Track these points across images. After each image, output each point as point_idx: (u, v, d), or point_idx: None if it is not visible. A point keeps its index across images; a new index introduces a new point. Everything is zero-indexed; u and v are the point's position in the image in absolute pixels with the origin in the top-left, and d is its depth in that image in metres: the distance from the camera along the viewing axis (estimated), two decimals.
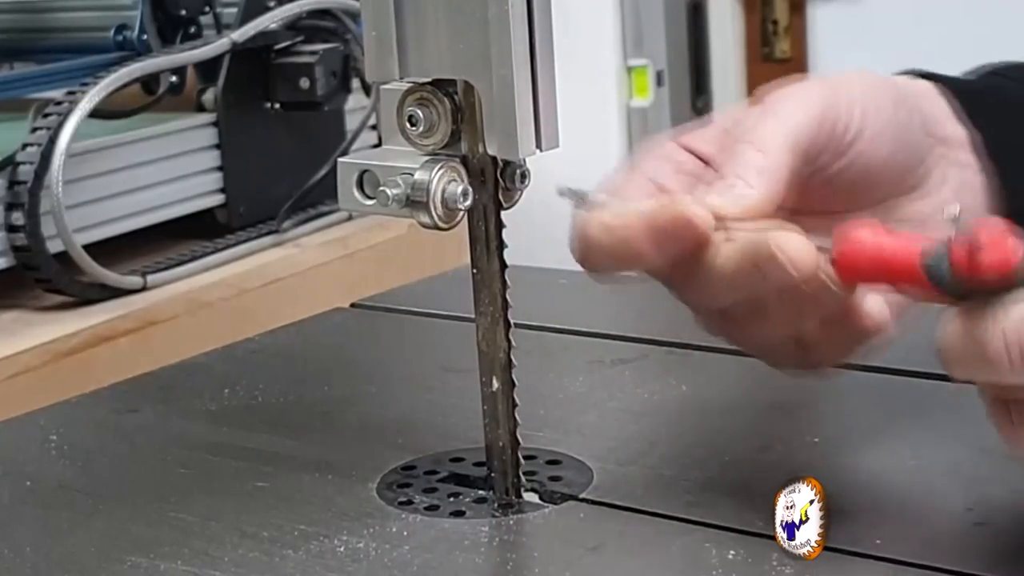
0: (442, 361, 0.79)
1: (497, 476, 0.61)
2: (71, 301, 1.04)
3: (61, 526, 0.62)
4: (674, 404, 0.70)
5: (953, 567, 0.53)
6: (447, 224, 0.57)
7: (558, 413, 0.70)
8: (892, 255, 0.48)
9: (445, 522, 0.59)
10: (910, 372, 0.73)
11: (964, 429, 0.66)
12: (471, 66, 0.56)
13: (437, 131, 0.57)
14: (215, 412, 0.74)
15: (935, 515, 0.57)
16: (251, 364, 0.82)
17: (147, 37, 1.17)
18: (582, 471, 0.63)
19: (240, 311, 1.11)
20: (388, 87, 0.58)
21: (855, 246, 0.49)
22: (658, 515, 0.58)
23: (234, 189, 1.20)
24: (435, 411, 0.72)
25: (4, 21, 1.26)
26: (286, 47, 1.23)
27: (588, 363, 0.75)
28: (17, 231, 1.01)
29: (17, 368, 0.96)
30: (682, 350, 0.78)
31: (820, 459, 0.63)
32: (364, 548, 0.57)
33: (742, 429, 0.67)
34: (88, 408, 0.77)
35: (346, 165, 0.58)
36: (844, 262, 0.49)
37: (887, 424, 0.67)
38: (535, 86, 0.56)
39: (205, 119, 1.19)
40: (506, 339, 0.59)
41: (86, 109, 1.03)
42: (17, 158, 1.01)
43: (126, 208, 1.12)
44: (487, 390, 0.60)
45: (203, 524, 0.60)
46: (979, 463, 0.62)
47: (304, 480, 0.64)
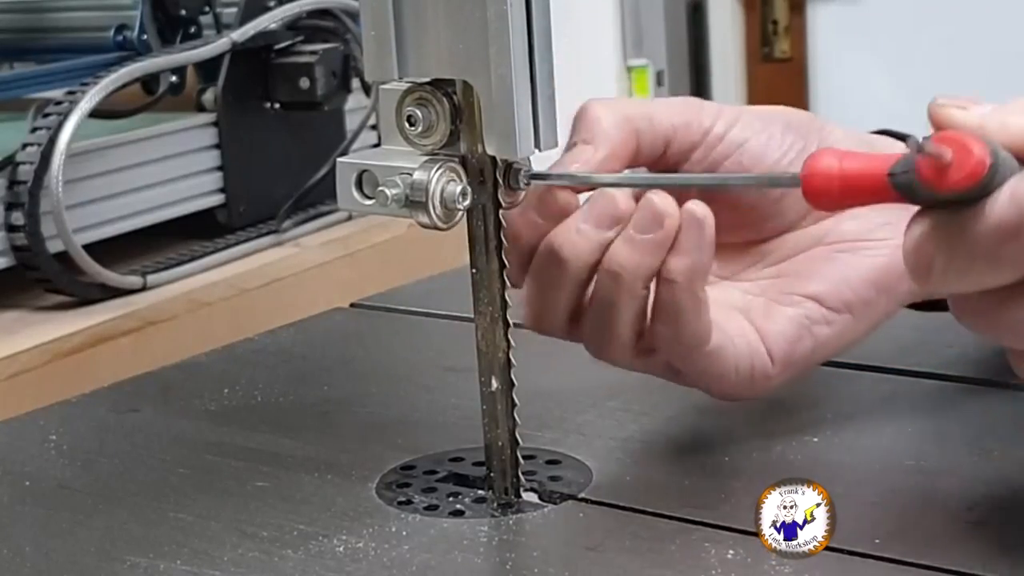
0: (441, 361, 0.79)
1: (496, 476, 0.61)
2: (71, 301, 1.04)
3: (61, 526, 0.62)
4: (674, 404, 0.70)
5: (953, 567, 0.53)
6: (446, 224, 0.57)
7: (558, 413, 0.70)
8: (860, 176, 0.48)
9: (444, 522, 0.59)
10: (910, 372, 0.73)
11: (964, 429, 0.66)
12: (470, 66, 0.56)
13: (436, 131, 0.57)
14: (215, 412, 0.74)
15: (935, 515, 0.57)
16: (251, 364, 0.82)
17: (147, 37, 1.17)
18: (582, 471, 0.63)
19: (240, 311, 1.11)
20: (387, 87, 0.58)
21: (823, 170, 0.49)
22: (658, 515, 0.58)
23: (234, 189, 1.20)
24: (434, 411, 0.72)
25: (4, 21, 1.26)
26: (286, 47, 1.23)
27: (588, 363, 0.75)
28: (17, 231, 1.01)
29: (17, 368, 0.95)
30: None
31: (820, 459, 0.63)
32: (363, 548, 0.57)
33: (742, 429, 0.67)
34: (88, 408, 0.77)
35: (345, 165, 0.58)
36: (814, 185, 0.49)
37: (887, 424, 0.67)
38: (534, 86, 0.56)
39: (205, 119, 1.19)
40: (505, 339, 0.59)
41: (86, 109, 1.03)
42: (17, 158, 1.01)
43: (126, 208, 1.11)
44: (486, 390, 0.60)
45: (203, 524, 0.60)
46: (979, 463, 0.62)
47: (304, 480, 0.64)
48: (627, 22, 2.44)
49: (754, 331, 0.61)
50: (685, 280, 0.57)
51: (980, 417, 0.68)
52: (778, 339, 0.61)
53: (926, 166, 0.47)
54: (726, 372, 0.60)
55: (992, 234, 0.47)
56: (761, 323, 0.62)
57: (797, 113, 0.64)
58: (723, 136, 0.62)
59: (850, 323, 0.62)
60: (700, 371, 0.60)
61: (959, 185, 0.47)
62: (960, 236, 0.48)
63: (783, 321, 0.62)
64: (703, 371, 0.60)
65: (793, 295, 0.62)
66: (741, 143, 0.62)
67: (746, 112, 0.63)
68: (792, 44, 2.65)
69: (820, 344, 0.62)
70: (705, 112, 0.62)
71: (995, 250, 0.47)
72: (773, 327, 0.61)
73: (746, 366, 0.61)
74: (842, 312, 0.62)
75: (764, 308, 0.62)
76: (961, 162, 0.47)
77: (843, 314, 0.62)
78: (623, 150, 0.60)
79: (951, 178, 0.47)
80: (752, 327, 0.61)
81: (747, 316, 0.62)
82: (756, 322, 0.62)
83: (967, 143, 0.47)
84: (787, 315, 0.62)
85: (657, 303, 0.58)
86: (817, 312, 0.62)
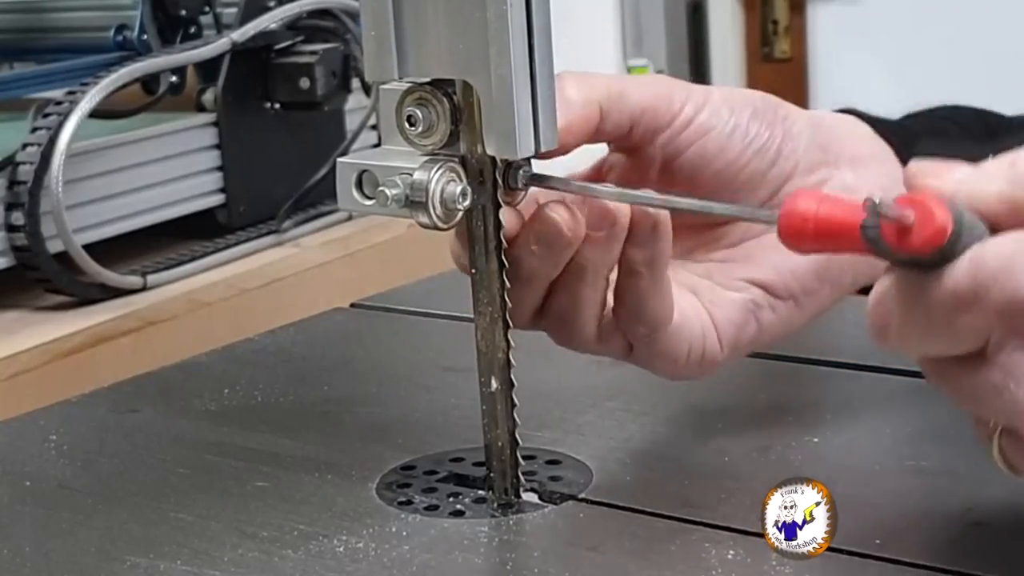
0: (442, 361, 0.79)
1: (496, 476, 0.61)
2: (71, 301, 1.04)
3: (61, 526, 0.62)
4: (674, 404, 0.70)
5: (953, 567, 0.53)
6: (446, 224, 0.57)
7: (558, 413, 0.70)
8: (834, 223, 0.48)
9: (445, 522, 0.59)
10: (910, 372, 0.73)
11: (964, 429, 0.66)
12: (470, 66, 0.56)
13: (436, 131, 0.57)
14: (215, 412, 0.74)
15: (935, 515, 0.57)
16: (251, 364, 0.82)
17: (147, 37, 1.17)
18: (582, 471, 0.63)
19: (240, 311, 1.11)
20: (387, 87, 0.58)
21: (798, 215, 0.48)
22: (658, 515, 0.58)
23: (234, 189, 1.20)
24: (435, 411, 0.72)
25: (4, 21, 1.25)
26: (286, 47, 1.23)
27: (588, 363, 0.75)
28: (17, 231, 1.01)
29: (17, 368, 0.95)
30: None
31: (820, 459, 0.64)
32: (364, 548, 0.57)
33: (742, 429, 0.67)
34: (88, 408, 0.77)
35: (345, 165, 0.58)
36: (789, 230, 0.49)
37: (887, 424, 0.67)
38: (534, 86, 0.56)
39: (205, 119, 1.19)
40: (505, 339, 0.59)
41: (86, 109, 1.03)
42: (17, 158, 1.01)
43: (126, 208, 1.11)
44: (486, 390, 0.60)
45: (203, 524, 0.60)
46: (979, 463, 0.62)
47: (304, 480, 0.64)
48: (627, 22, 2.44)
49: (706, 313, 0.62)
50: (645, 269, 0.59)
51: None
52: (725, 323, 0.63)
53: (888, 228, 0.47)
54: (680, 354, 0.61)
55: (948, 300, 0.46)
56: (709, 306, 0.63)
57: (764, 99, 0.64)
58: (691, 121, 0.62)
59: (794, 310, 0.64)
60: (658, 351, 0.61)
61: (919, 250, 0.46)
62: (919, 299, 0.47)
63: (729, 305, 0.63)
64: (661, 351, 0.61)
65: (740, 280, 0.63)
66: (708, 131, 0.62)
67: (715, 96, 0.63)
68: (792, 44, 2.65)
69: (764, 329, 0.63)
70: (675, 95, 0.62)
71: (951, 317, 0.47)
72: (720, 312, 0.63)
73: (698, 348, 0.62)
74: (786, 300, 0.63)
75: (711, 291, 0.63)
76: (923, 226, 0.46)
77: (787, 301, 0.63)
78: (582, 124, 0.60)
79: (911, 242, 0.46)
80: (704, 309, 0.63)
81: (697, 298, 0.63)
82: (705, 305, 0.63)
83: (930, 207, 0.46)
84: (733, 299, 0.63)
85: (620, 289, 0.60)
86: (763, 298, 0.63)
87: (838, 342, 0.82)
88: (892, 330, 0.49)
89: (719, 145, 0.62)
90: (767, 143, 0.63)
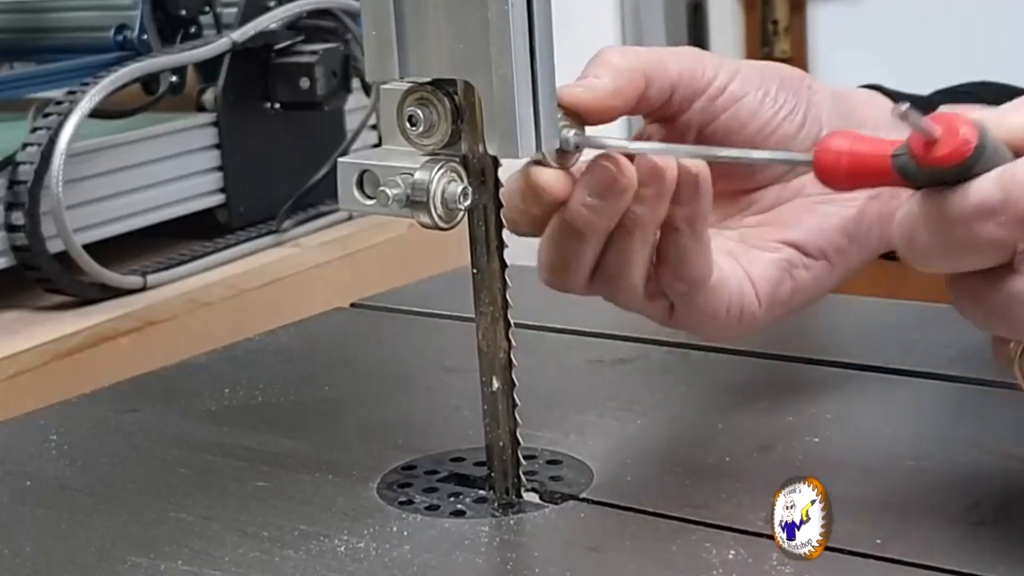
0: (442, 361, 0.79)
1: (497, 476, 0.61)
2: (71, 301, 1.04)
3: (61, 526, 0.62)
4: (674, 404, 0.70)
5: (953, 567, 0.53)
6: (447, 224, 0.57)
7: (558, 413, 0.70)
8: (866, 156, 0.50)
9: (445, 522, 0.59)
10: (910, 372, 0.73)
11: (964, 429, 0.66)
12: (471, 66, 0.56)
13: (437, 131, 0.57)
14: (215, 412, 0.74)
15: (935, 515, 0.57)
16: (251, 364, 0.82)
17: (147, 37, 1.17)
18: (582, 471, 0.63)
19: (240, 311, 1.11)
20: (388, 87, 0.58)
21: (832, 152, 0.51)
22: (658, 515, 0.58)
23: (234, 189, 1.20)
24: (435, 411, 0.72)
25: (4, 21, 1.26)
26: (286, 47, 1.23)
27: (588, 363, 0.75)
28: (17, 231, 1.01)
29: (17, 368, 0.95)
30: (682, 350, 0.78)
31: (820, 459, 0.63)
32: (364, 548, 0.57)
33: (742, 429, 0.67)
34: (88, 408, 0.77)
35: (346, 165, 0.58)
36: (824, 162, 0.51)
37: (887, 424, 0.67)
38: (535, 86, 0.56)
39: (205, 119, 1.19)
40: (506, 339, 0.59)
41: (86, 109, 1.03)
42: (17, 158, 1.01)
43: (126, 208, 1.11)
44: (487, 390, 0.60)
45: (203, 524, 0.60)
46: (979, 463, 0.62)
47: (304, 480, 0.64)
48: (627, 22, 2.44)
49: (743, 271, 0.64)
50: (687, 226, 0.60)
51: (980, 417, 0.68)
52: (762, 280, 0.64)
53: (916, 141, 0.49)
54: (719, 311, 0.63)
55: (974, 211, 0.49)
56: (747, 266, 0.64)
57: (790, 71, 0.67)
58: (724, 88, 0.64)
59: (826, 269, 0.65)
60: (699, 308, 0.62)
61: (943, 161, 0.48)
62: (945, 212, 0.49)
63: (765, 264, 0.65)
64: (701, 308, 0.62)
65: (774, 242, 0.65)
66: (740, 97, 0.64)
67: (744, 66, 0.66)
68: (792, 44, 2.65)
69: (799, 288, 0.65)
70: (708, 64, 0.65)
71: (977, 227, 0.49)
72: (757, 270, 0.64)
73: (736, 304, 0.63)
74: (819, 259, 0.65)
75: (747, 252, 0.65)
76: (948, 139, 0.48)
77: (820, 261, 0.65)
78: (630, 89, 0.62)
79: (936, 154, 0.48)
80: (741, 268, 0.64)
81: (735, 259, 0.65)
82: (742, 264, 0.64)
83: (956, 123, 0.48)
84: (768, 259, 0.65)
85: (664, 247, 0.61)
86: (796, 257, 0.65)
87: (838, 342, 0.82)
88: (917, 246, 0.50)
89: (750, 111, 0.64)
90: (795, 109, 0.65)
